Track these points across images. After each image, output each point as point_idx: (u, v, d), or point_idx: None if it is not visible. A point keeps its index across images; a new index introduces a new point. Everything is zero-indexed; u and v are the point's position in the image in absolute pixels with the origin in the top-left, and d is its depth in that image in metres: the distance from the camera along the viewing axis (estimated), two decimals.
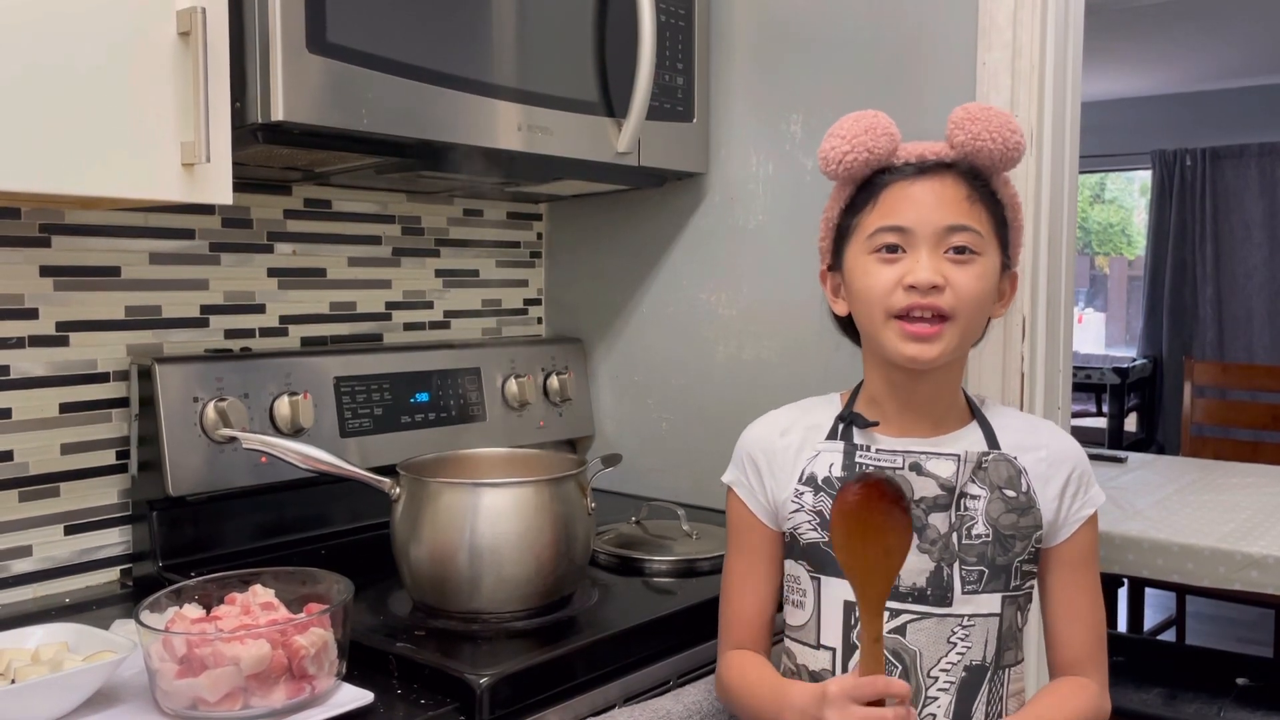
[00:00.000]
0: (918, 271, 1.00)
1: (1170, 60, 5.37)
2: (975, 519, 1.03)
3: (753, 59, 1.66)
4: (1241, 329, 5.91)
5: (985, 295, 1.03)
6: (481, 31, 1.34)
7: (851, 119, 1.05)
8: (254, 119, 1.15)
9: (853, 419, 1.08)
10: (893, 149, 1.04)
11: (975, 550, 1.03)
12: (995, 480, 1.04)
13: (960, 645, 1.02)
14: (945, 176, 1.03)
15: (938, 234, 1.01)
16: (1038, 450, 1.07)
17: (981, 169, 1.05)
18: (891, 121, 1.05)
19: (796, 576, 1.09)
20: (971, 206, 1.02)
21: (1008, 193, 1.08)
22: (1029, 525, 1.05)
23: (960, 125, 1.03)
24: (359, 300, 1.69)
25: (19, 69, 0.97)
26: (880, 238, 1.02)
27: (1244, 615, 3.97)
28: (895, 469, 1.05)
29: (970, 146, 1.03)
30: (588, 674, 1.14)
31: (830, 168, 1.06)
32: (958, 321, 1.01)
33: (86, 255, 1.38)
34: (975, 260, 1.02)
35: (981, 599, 1.03)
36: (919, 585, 1.02)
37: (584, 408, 1.88)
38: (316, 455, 1.24)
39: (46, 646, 1.04)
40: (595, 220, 1.89)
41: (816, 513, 1.06)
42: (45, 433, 1.35)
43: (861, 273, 1.04)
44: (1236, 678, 2.31)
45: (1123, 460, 3.05)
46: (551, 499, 1.22)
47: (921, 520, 1.03)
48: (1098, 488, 1.09)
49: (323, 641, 1.01)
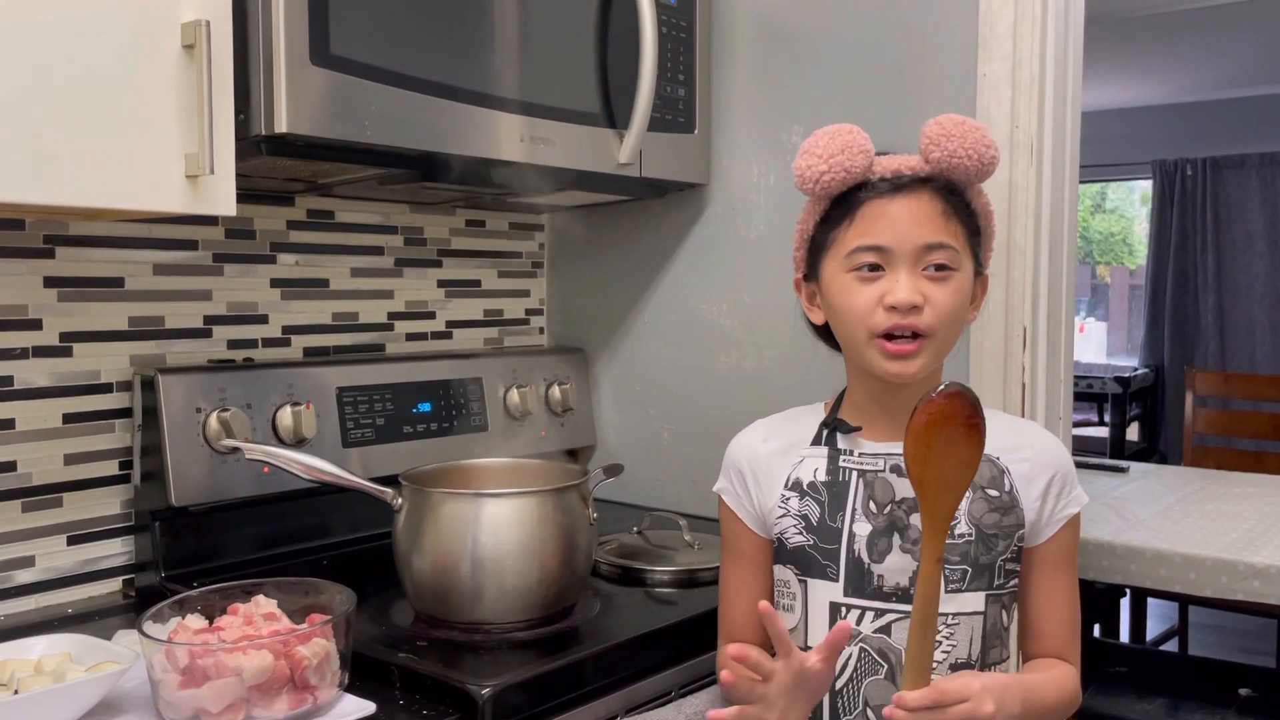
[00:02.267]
0: (897, 292, 1.01)
1: (1171, 70, 5.38)
2: (958, 519, 1.04)
3: (754, 70, 1.67)
4: (1244, 338, 5.91)
5: (961, 309, 1.05)
6: (484, 43, 1.35)
7: (827, 135, 1.05)
8: (257, 131, 1.16)
9: (836, 425, 1.09)
10: (869, 165, 1.04)
11: (958, 549, 1.03)
12: (978, 480, 1.05)
13: (945, 644, 1.03)
14: (921, 193, 1.03)
15: (916, 252, 1.02)
16: (1021, 451, 1.08)
17: (958, 183, 1.06)
18: (867, 136, 1.05)
19: (785, 581, 1.10)
20: (948, 222, 1.03)
21: (981, 202, 1.09)
22: (1011, 524, 1.05)
23: (935, 142, 1.03)
24: (361, 310, 1.69)
25: (24, 82, 0.98)
26: (858, 257, 1.03)
27: (1247, 625, 3.96)
28: (878, 471, 1.06)
29: (946, 164, 1.03)
30: (590, 684, 1.14)
31: (807, 186, 1.06)
32: (935, 338, 1.03)
33: (90, 266, 1.38)
34: (952, 276, 1.03)
35: (965, 597, 1.03)
36: (902, 584, 1.03)
37: (586, 418, 1.88)
38: (319, 465, 1.24)
39: (49, 657, 1.04)
40: (597, 231, 1.90)
41: (802, 517, 1.07)
42: (48, 443, 1.35)
43: (841, 290, 1.05)
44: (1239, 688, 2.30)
45: (1125, 470, 3.05)
46: (553, 509, 1.22)
47: (904, 521, 1.04)
48: (1080, 489, 1.10)
49: (325, 652, 1.01)
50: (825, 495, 1.07)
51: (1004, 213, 1.38)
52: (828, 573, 1.05)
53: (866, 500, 1.05)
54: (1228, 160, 5.92)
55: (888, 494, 1.05)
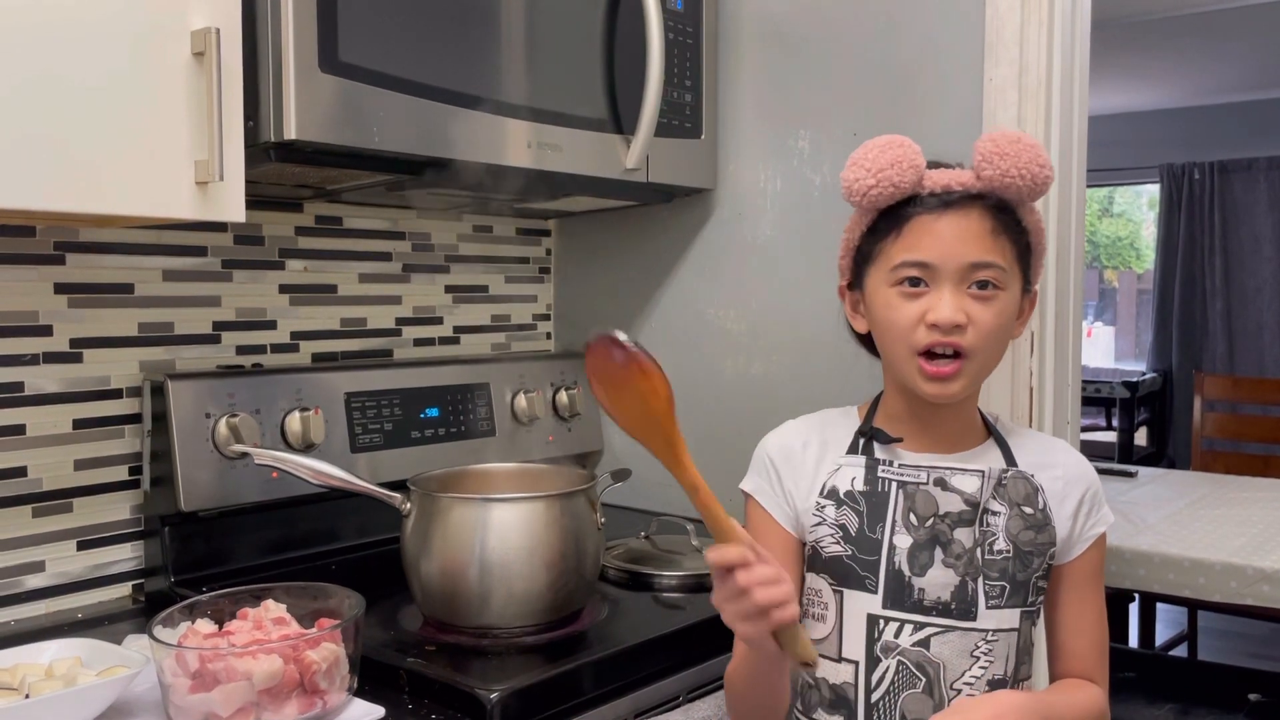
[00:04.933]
0: (940, 309, 0.99)
1: (1178, 74, 5.37)
2: (997, 535, 1.03)
3: (760, 75, 1.67)
4: (1252, 342, 5.89)
5: (1005, 328, 1.04)
6: (491, 50, 1.35)
7: (877, 148, 1.03)
8: (267, 138, 1.16)
9: (874, 434, 1.08)
10: (918, 180, 1.02)
11: (997, 566, 1.03)
12: (1014, 497, 1.05)
13: (984, 659, 1.02)
14: (971, 210, 1.01)
15: (961, 270, 1.00)
16: (1053, 469, 1.08)
17: (1010, 202, 1.04)
18: (918, 150, 1.03)
19: (818, 590, 1.08)
20: (995, 241, 1.01)
21: (1033, 220, 1.07)
22: (1045, 542, 1.05)
23: (989, 160, 1.01)
24: (369, 316, 1.70)
25: (35, 89, 0.98)
26: (903, 271, 1.02)
27: (1256, 630, 3.95)
28: (919, 484, 1.05)
29: (998, 182, 1.01)
30: (598, 689, 1.14)
31: (854, 199, 1.04)
32: (976, 358, 1.01)
33: (100, 272, 1.39)
34: (997, 296, 1.01)
35: (1004, 614, 1.03)
36: (943, 599, 1.02)
37: (593, 422, 1.88)
38: (327, 470, 1.24)
39: (60, 661, 1.04)
40: (604, 236, 1.90)
41: (840, 526, 1.06)
42: (58, 449, 1.35)
43: (884, 305, 1.04)
44: (1249, 693, 2.30)
45: (1133, 475, 3.05)
46: (561, 514, 1.22)
47: (947, 535, 1.03)
48: (1107, 508, 1.10)
49: (334, 656, 1.01)
50: (864, 505, 1.05)
51: None
52: (866, 584, 1.04)
53: (907, 512, 1.04)
54: (1235, 164, 5.91)
55: (930, 507, 1.04)
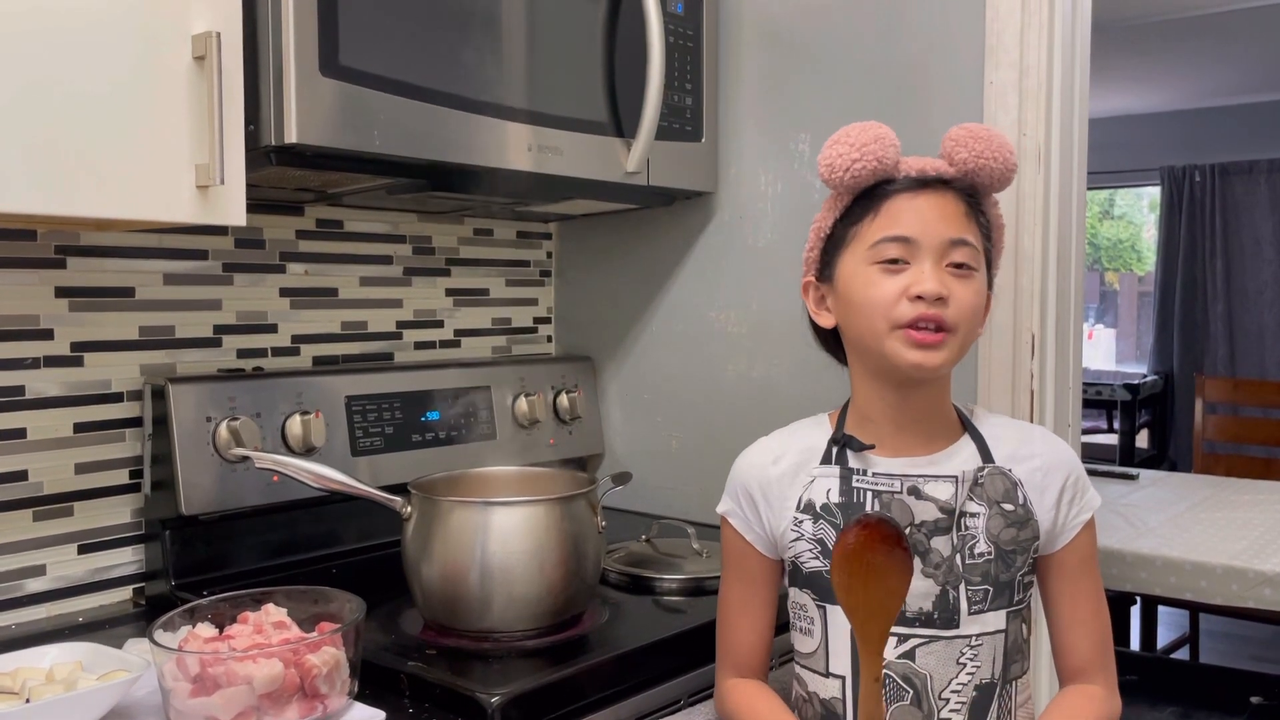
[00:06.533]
0: (924, 282, 1.00)
1: (1178, 76, 5.37)
2: (977, 537, 1.03)
3: (761, 79, 1.67)
4: (1253, 345, 5.89)
5: (980, 310, 1.05)
6: (492, 53, 1.35)
7: (858, 128, 1.05)
8: (267, 141, 1.16)
9: (847, 442, 1.07)
10: (897, 160, 1.04)
11: (979, 570, 1.02)
12: (992, 495, 1.04)
13: (970, 665, 1.02)
14: (945, 192, 1.03)
15: (941, 246, 1.01)
16: (1031, 460, 1.07)
17: (979, 187, 1.06)
18: (894, 132, 1.05)
19: (802, 604, 1.08)
20: (969, 223, 1.03)
21: (995, 214, 1.10)
22: (1028, 538, 1.04)
23: (962, 143, 1.04)
24: (370, 319, 1.70)
25: (35, 94, 0.98)
26: (884, 249, 1.02)
27: (1258, 633, 3.94)
28: (894, 493, 1.04)
29: (973, 164, 1.03)
30: (599, 693, 1.14)
31: (836, 175, 1.04)
32: (958, 334, 1.02)
33: (101, 276, 1.39)
34: (973, 276, 1.03)
35: (988, 617, 1.02)
36: (925, 609, 1.02)
37: (594, 426, 1.88)
38: (328, 474, 1.24)
39: (60, 665, 1.04)
40: (605, 239, 1.90)
41: (817, 541, 1.05)
42: (59, 452, 1.35)
43: (863, 283, 1.03)
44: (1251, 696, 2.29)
45: (1134, 477, 3.04)
46: (562, 517, 1.22)
47: (924, 544, 1.02)
48: (1093, 491, 1.09)
49: (335, 660, 1.01)
50: (840, 518, 1.05)
51: (1012, 220, 1.37)
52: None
53: None
54: (1236, 166, 5.91)
55: (905, 516, 1.03)
